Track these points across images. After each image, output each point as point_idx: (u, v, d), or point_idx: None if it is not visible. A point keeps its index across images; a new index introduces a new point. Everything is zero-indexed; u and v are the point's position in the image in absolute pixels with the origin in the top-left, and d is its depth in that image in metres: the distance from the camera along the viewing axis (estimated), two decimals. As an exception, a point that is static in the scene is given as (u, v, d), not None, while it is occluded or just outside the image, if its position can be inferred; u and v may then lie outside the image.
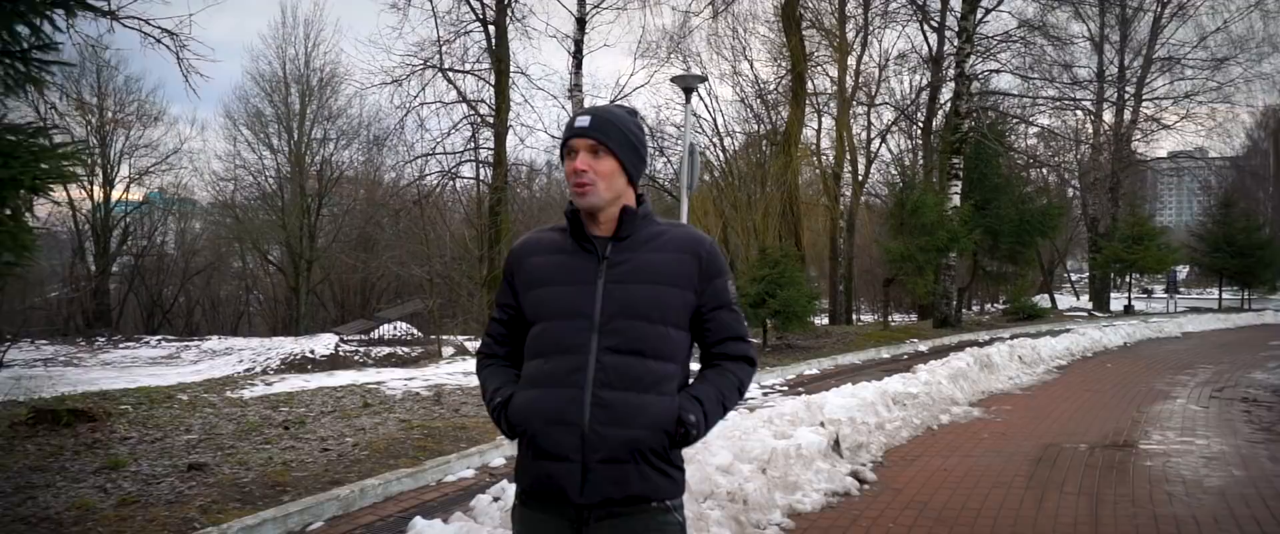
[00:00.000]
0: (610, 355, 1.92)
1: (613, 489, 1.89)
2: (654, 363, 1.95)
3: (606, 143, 1.99)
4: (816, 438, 6.03)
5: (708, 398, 2.00)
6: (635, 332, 1.94)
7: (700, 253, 2.03)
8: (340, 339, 30.52)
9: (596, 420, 1.89)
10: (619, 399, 1.91)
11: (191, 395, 9.16)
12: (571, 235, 2.04)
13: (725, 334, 2.07)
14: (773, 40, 27.45)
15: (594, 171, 1.97)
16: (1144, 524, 4.93)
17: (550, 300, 2.00)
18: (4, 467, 5.80)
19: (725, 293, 2.06)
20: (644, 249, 2.01)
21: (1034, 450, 6.91)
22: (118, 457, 6.02)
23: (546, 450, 1.92)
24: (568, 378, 1.93)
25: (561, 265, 2.02)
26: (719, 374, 2.06)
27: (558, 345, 1.96)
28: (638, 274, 1.98)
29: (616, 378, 1.92)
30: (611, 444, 1.89)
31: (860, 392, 7.89)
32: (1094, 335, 16.30)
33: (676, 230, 2.08)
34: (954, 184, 20.12)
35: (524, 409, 1.97)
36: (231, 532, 4.33)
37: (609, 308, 1.94)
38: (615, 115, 2.05)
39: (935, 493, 5.60)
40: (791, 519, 4.94)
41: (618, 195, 2.01)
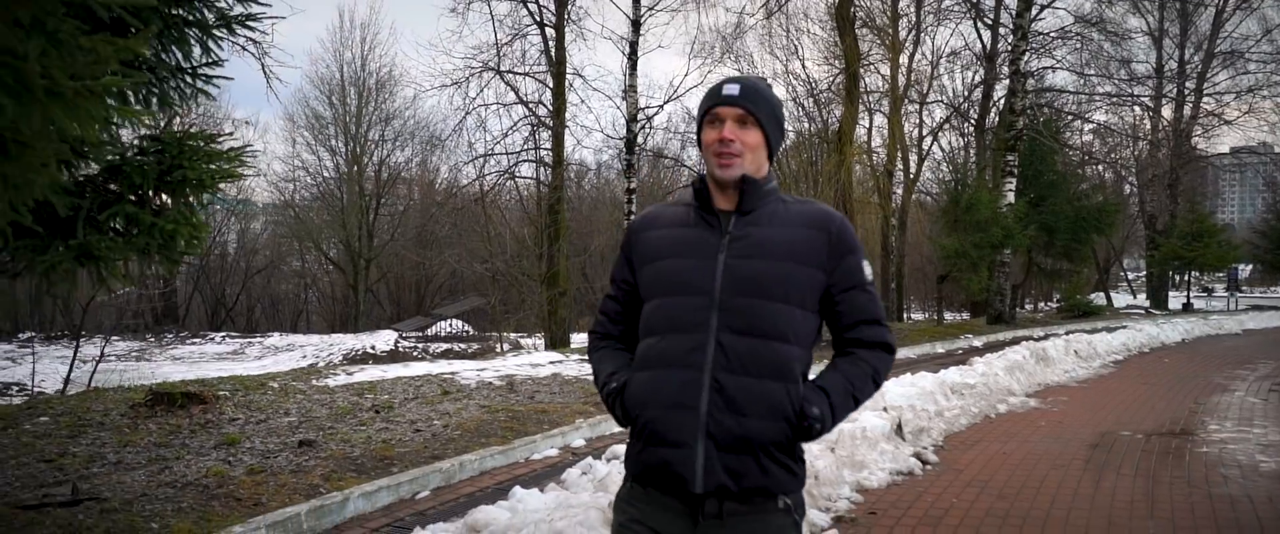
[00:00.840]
0: (731, 336, 1.83)
1: (730, 480, 1.80)
2: (777, 345, 1.83)
3: (756, 113, 1.89)
4: (880, 422, 6.36)
5: (836, 389, 1.88)
6: (757, 311, 1.83)
7: (830, 227, 1.91)
8: (399, 335, 31.39)
9: (715, 406, 1.81)
10: (739, 384, 1.81)
11: (282, 383, 9.76)
12: (697, 207, 1.95)
13: (859, 317, 1.93)
14: (824, 39, 27.60)
15: (742, 142, 1.88)
16: (1199, 503, 5.18)
17: (667, 275, 1.91)
18: (133, 442, 6.38)
19: (859, 272, 1.93)
20: (769, 224, 1.90)
21: (1091, 437, 7.15)
22: (232, 435, 6.58)
23: (663, 436, 1.84)
24: (685, 358, 1.84)
25: (681, 239, 1.93)
26: (851, 363, 1.92)
27: (675, 323, 1.87)
28: (761, 249, 1.87)
29: (737, 361, 1.82)
30: (730, 433, 1.80)
31: (919, 382, 8.18)
32: (1151, 331, 16.28)
33: (804, 205, 1.97)
34: (1008, 181, 20.16)
35: (640, 394, 1.89)
36: (354, 496, 4.81)
37: (730, 284, 1.84)
38: (762, 86, 1.96)
39: (995, 473, 5.90)
40: (860, 494, 5.28)
41: (759, 170, 1.93)
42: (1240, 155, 42.55)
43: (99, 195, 3.42)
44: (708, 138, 1.92)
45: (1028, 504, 5.15)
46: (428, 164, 42.04)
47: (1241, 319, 22.33)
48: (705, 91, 1.99)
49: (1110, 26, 25.53)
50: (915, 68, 30.30)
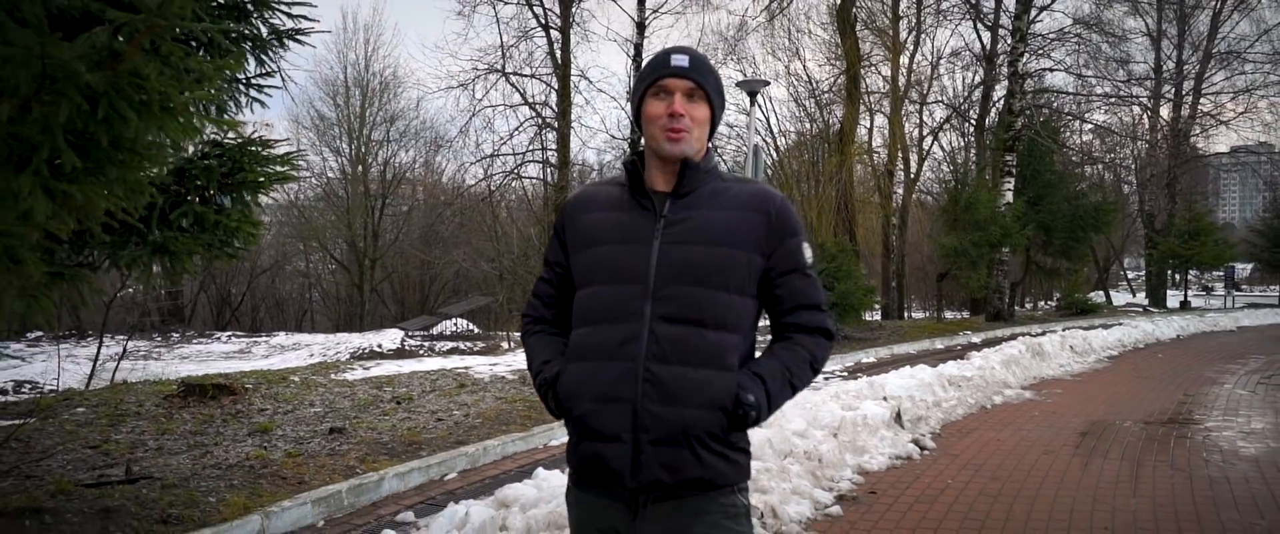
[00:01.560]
0: (665, 325, 1.76)
1: (665, 473, 1.75)
2: (713, 333, 1.77)
3: (705, 86, 1.83)
4: (880, 410, 6.70)
5: (772, 375, 1.82)
6: (693, 298, 1.77)
7: (769, 209, 1.84)
8: (406, 334, 31.74)
9: (648, 398, 1.75)
10: (673, 374, 1.75)
11: (303, 377, 10.10)
12: (629, 190, 1.87)
13: (797, 302, 1.87)
14: (825, 41, 27.96)
15: (691, 117, 1.81)
16: (1180, 484, 5.52)
17: (601, 262, 1.83)
18: (170, 430, 6.72)
19: (798, 255, 1.87)
20: (706, 206, 1.82)
21: (1082, 425, 7.49)
22: (264, 423, 6.92)
23: (596, 430, 1.78)
24: (619, 350, 1.77)
25: (615, 223, 1.85)
26: (788, 348, 1.87)
27: (608, 313, 1.80)
28: (698, 233, 1.79)
29: (671, 350, 1.75)
30: (664, 424, 1.74)
31: (918, 374, 8.52)
32: (1146, 328, 16.62)
33: (744, 185, 1.88)
34: (1007, 181, 20.49)
35: (572, 386, 1.82)
36: (388, 476, 5.15)
37: (665, 271, 1.77)
38: (708, 62, 1.88)
39: (989, 458, 6.23)
40: (861, 476, 5.62)
41: (703, 146, 1.86)
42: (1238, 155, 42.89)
43: (168, 195, 3.76)
44: (653, 111, 1.81)
45: (1019, 485, 5.48)
46: (431, 165, 42.42)
47: (1237, 317, 22.66)
48: (648, 61, 1.88)
49: (1108, 28, 25.87)
50: (916, 68, 30.66)
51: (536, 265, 21.49)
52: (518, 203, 27.16)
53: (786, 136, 29.29)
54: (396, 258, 42.57)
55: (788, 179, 25.49)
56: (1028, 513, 4.86)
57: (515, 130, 24.57)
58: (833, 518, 4.74)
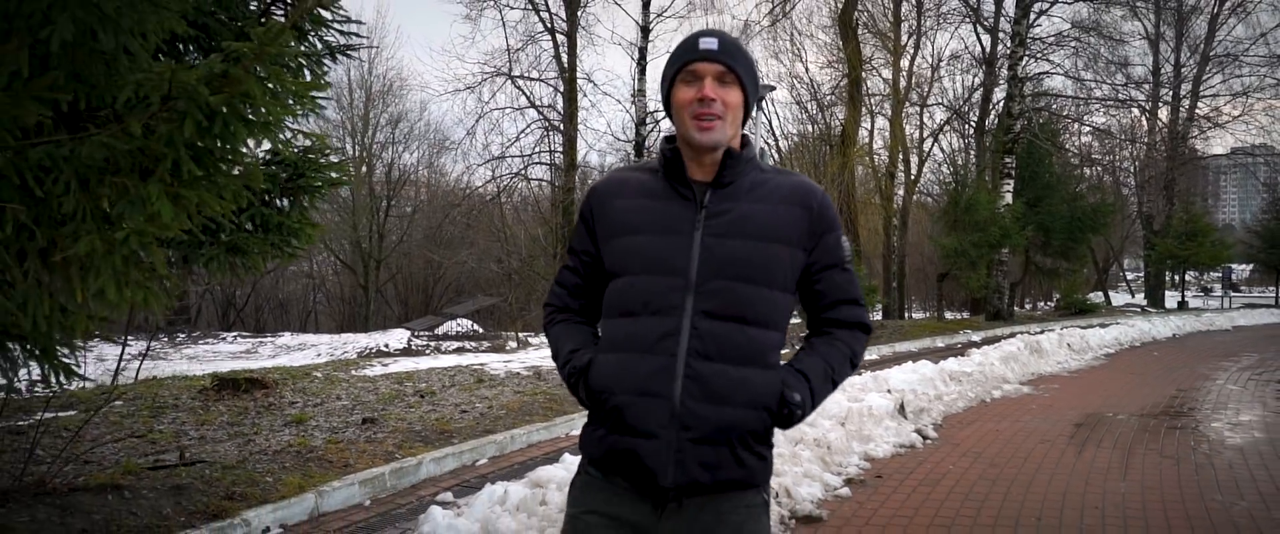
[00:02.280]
0: (707, 321, 1.71)
1: (704, 473, 1.71)
2: (756, 330, 1.73)
3: (736, 69, 1.75)
4: (884, 402, 7.05)
5: (815, 373, 1.79)
6: (736, 294, 1.72)
7: (810, 204, 1.79)
8: (412, 334, 32.08)
9: (689, 395, 1.70)
10: (716, 372, 1.70)
11: (325, 373, 10.46)
12: (666, 177, 1.79)
13: (838, 297, 1.84)
14: (827, 43, 28.35)
15: (723, 102, 1.73)
16: (1167, 469, 5.87)
17: (639, 251, 1.76)
18: (209, 421, 7.06)
19: (839, 250, 1.83)
20: (747, 198, 1.76)
21: (1077, 417, 7.84)
22: (298, 414, 7.27)
23: (631, 424, 1.73)
24: (658, 344, 1.72)
25: (653, 211, 1.77)
26: (829, 344, 1.83)
27: (647, 305, 1.74)
28: (741, 227, 1.74)
29: (714, 347, 1.70)
30: (707, 423, 1.70)
31: (920, 369, 8.88)
32: (1142, 327, 16.97)
33: (783, 177, 1.83)
34: (1006, 183, 20.85)
35: (607, 375, 1.76)
36: (425, 461, 5.51)
37: (708, 265, 1.72)
38: (738, 43, 1.81)
39: (988, 446, 6.58)
40: (867, 462, 5.97)
41: (737, 132, 1.79)
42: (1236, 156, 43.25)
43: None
44: (683, 97, 1.75)
45: (1015, 471, 5.83)
46: (435, 166, 42.80)
47: (1232, 317, 23.02)
48: (677, 46, 1.82)
49: (1107, 31, 26.24)
50: (916, 71, 31.03)
51: (543, 266, 21.86)
52: (524, 204, 27.50)
53: (789, 138, 29.67)
54: (401, 259, 42.93)
55: (790, 181, 25.86)
56: (1023, 495, 5.21)
57: (522, 132, 24.98)
58: (842, 498, 5.09)
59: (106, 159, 2.62)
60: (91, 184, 2.64)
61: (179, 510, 4.12)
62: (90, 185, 2.63)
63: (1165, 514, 4.81)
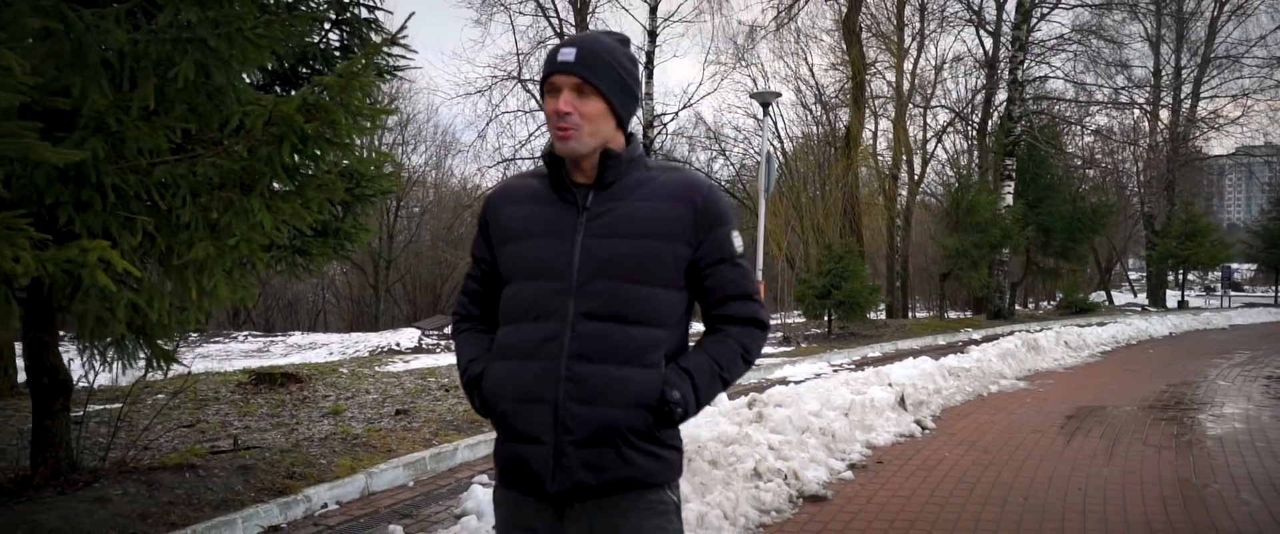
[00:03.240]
0: (587, 322, 1.72)
1: (588, 475, 1.71)
2: (637, 329, 1.74)
3: (593, 80, 1.73)
4: (886, 394, 7.49)
5: (700, 370, 1.79)
6: (617, 294, 1.73)
7: (694, 199, 1.78)
8: (422, 333, 32.56)
9: (569, 397, 1.71)
10: (594, 373, 1.71)
11: (350, 369, 10.93)
12: (551, 182, 1.81)
13: (728, 292, 1.83)
14: (832, 46, 28.78)
15: (579, 113, 1.72)
16: (1149, 456, 6.30)
17: (524, 257, 1.79)
18: (250, 412, 7.52)
19: (727, 244, 1.81)
20: (630, 197, 1.77)
21: (1069, 410, 8.27)
22: (334, 406, 7.73)
23: (517, 430, 1.75)
24: (541, 348, 1.73)
25: (538, 216, 1.79)
26: (718, 341, 1.83)
27: (531, 310, 1.76)
28: (621, 226, 1.75)
29: (594, 348, 1.72)
30: (585, 423, 1.71)
31: (920, 365, 9.31)
32: (1140, 325, 17.37)
33: (669, 174, 1.83)
34: (1007, 184, 21.27)
35: (495, 385, 1.79)
36: (461, 447, 5.96)
37: (588, 266, 1.73)
38: (604, 46, 1.78)
39: (983, 436, 7.02)
40: (869, 449, 6.41)
41: (604, 141, 1.77)
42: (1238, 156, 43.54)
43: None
44: (547, 108, 1.76)
45: (1007, 457, 6.27)
46: (442, 167, 43.33)
47: (1230, 315, 23.41)
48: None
49: (1107, 34, 26.61)
50: (919, 73, 31.45)
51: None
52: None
53: (794, 140, 30.09)
54: (411, 259, 43.43)
55: (795, 182, 26.30)
56: (1013, 479, 5.64)
57: (532, 135, 25.46)
58: (846, 481, 5.53)
59: (216, 177, 3.08)
60: (203, 198, 3.09)
61: (248, 487, 4.58)
62: (202, 199, 3.08)
63: (1142, 494, 5.25)
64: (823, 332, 17.20)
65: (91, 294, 2.79)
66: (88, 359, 4.41)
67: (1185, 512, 4.87)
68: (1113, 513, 4.85)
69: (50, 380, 4.44)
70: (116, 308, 2.84)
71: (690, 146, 33.62)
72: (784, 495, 4.94)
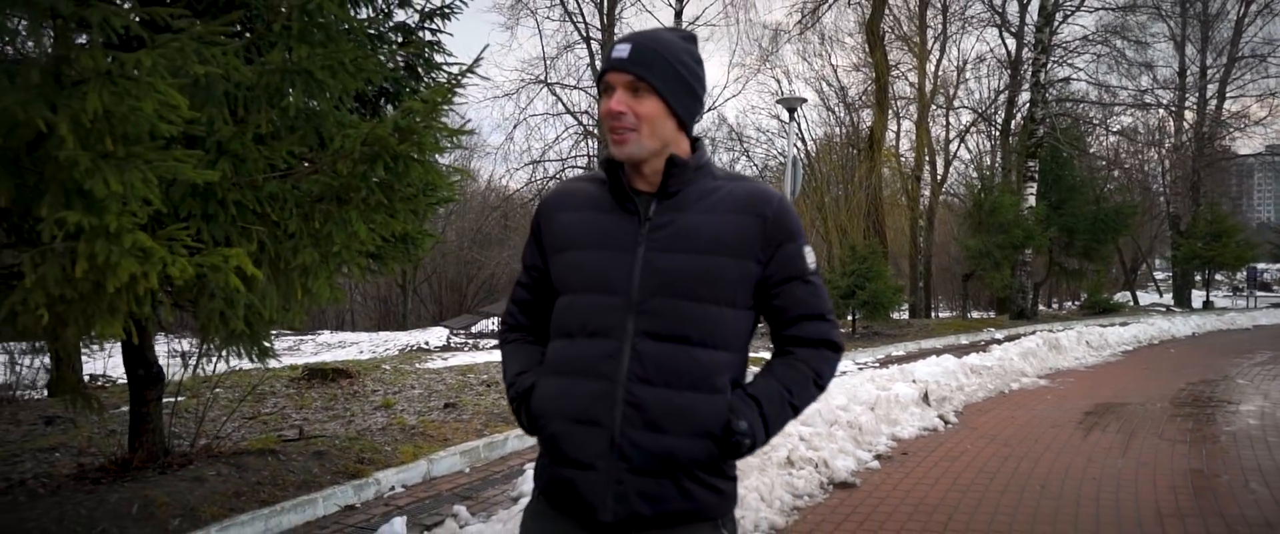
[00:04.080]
0: (648, 342, 1.61)
1: (644, 506, 1.60)
2: (702, 351, 1.62)
3: (648, 78, 1.62)
4: (910, 390, 7.83)
5: (769, 398, 1.66)
6: (679, 312, 1.62)
7: (764, 212, 1.66)
8: (450, 332, 33.13)
9: (628, 422, 1.60)
10: (657, 398, 1.60)
11: (393, 366, 11.38)
12: (610, 190, 1.70)
13: (799, 312, 1.71)
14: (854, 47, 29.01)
15: (634, 114, 1.62)
16: (1163, 449, 6.61)
17: (580, 268, 1.69)
18: (306, 405, 7.98)
19: (799, 261, 1.70)
20: (694, 209, 1.66)
21: (1087, 406, 8.57)
22: (385, 399, 8.17)
23: (568, 454, 1.64)
24: (597, 367, 1.63)
25: (595, 226, 1.69)
26: (789, 364, 1.71)
27: (587, 325, 1.66)
28: (684, 240, 1.64)
29: (655, 370, 1.60)
30: (646, 453, 1.60)
31: (943, 363, 9.62)
32: (1162, 325, 17.55)
33: (737, 185, 1.71)
34: (1030, 185, 21.47)
35: (545, 403, 1.68)
36: (511, 437, 6.38)
37: (648, 282, 1.63)
38: (663, 42, 1.67)
39: (1003, 430, 7.35)
40: (894, 441, 6.76)
41: (665, 144, 1.65)
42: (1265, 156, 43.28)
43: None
44: (602, 110, 1.66)
45: (1026, 450, 6.60)
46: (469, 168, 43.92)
47: (1254, 316, 23.46)
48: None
49: (1131, 34, 26.70)
50: (941, 74, 31.64)
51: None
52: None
53: (817, 141, 30.35)
54: (438, 259, 44.04)
55: (819, 183, 26.59)
56: (1032, 470, 5.98)
57: (558, 137, 25.96)
58: (872, 470, 5.89)
59: (317, 192, 3.50)
60: (306, 210, 3.51)
61: (324, 470, 5.01)
62: (305, 211, 3.51)
63: (1154, 484, 5.57)
64: (847, 331, 17.50)
65: (216, 295, 3.21)
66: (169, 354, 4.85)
67: (1194, 499, 5.20)
68: (1125, 500, 5.18)
69: (145, 373, 4.90)
70: (237, 306, 3.26)
71: (712, 147, 34.03)
72: (815, 482, 5.31)
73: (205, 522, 4.04)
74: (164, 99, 2.49)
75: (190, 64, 2.54)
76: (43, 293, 2.46)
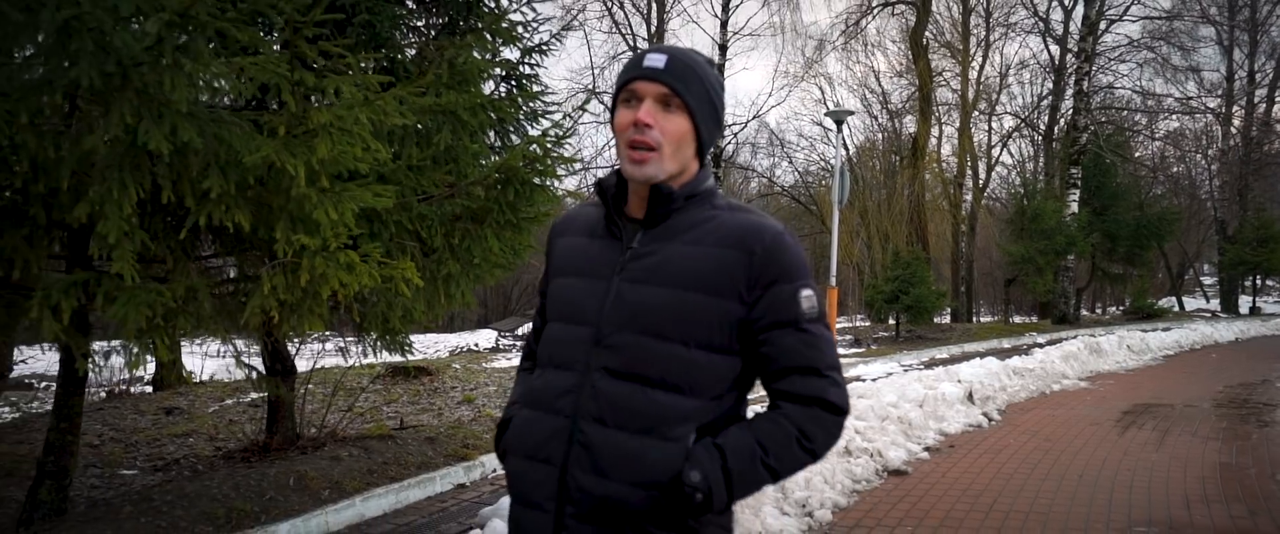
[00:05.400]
0: (607, 379, 1.50)
1: None
2: (661, 394, 1.48)
3: (683, 93, 1.49)
4: (955, 389, 8.36)
5: (738, 452, 1.47)
6: (643, 350, 1.48)
7: (753, 247, 1.49)
8: (499, 334, 34.01)
9: (577, 464, 1.49)
10: (606, 440, 1.48)
11: (462, 364, 12.13)
12: (604, 213, 1.60)
13: (787, 363, 1.51)
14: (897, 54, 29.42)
15: (661, 130, 1.48)
16: (1196, 444, 7.08)
17: (560, 297, 1.61)
18: (394, 400, 8.70)
19: (792, 305, 1.50)
20: (679, 239, 1.52)
21: (1126, 406, 9.02)
22: (467, 395, 8.87)
23: (520, 492, 1.57)
24: (555, 402, 1.53)
25: (583, 253, 1.60)
26: (769, 421, 1.51)
27: (553, 357, 1.58)
28: (660, 272, 1.50)
29: (609, 410, 1.48)
30: (590, 498, 1.48)
31: (987, 364, 10.12)
32: (1205, 331, 17.76)
33: (732, 216, 1.55)
34: (1072, 192, 21.75)
35: (511, 437, 1.62)
36: (590, 428, 7.02)
37: (615, 315, 1.51)
38: (697, 61, 1.55)
39: (1044, 427, 7.85)
40: (942, 436, 7.31)
41: (683, 168, 1.54)
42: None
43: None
44: (620, 120, 1.52)
45: (1066, 444, 7.10)
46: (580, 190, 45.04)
47: (1302, 321, 23.42)
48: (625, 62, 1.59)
49: (1178, 40, 26.80)
50: (984, 79, 31.87)
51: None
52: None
53: (860, 147, 30.76)
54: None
55: (861, 188, 27.03)
56: (1071, 461, 6.49)
57: (606, 145, 26.67)
58: (922, 460, 6.45)
59: (458, 212, 4.18)
60: (448, 229, 4.19)
61: (438, 453, 5.69)
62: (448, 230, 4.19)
63: (1185, 474, 6.06)
64: (890, 334, 17.97)
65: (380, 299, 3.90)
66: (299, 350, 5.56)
67: (1220, 487, 5.69)
68: (1156, 488, 5.69)
69: (282, 367, 5.62)
70: (396, 309, 3.94)
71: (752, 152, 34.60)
72: (871, 469, 5.89)
73: (349, 493, 4.73)
74: (367, 145, 3.17)
75: (392, 118, 3.22)
76: (275, 297, 3.14)
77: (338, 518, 4.47)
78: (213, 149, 2.90)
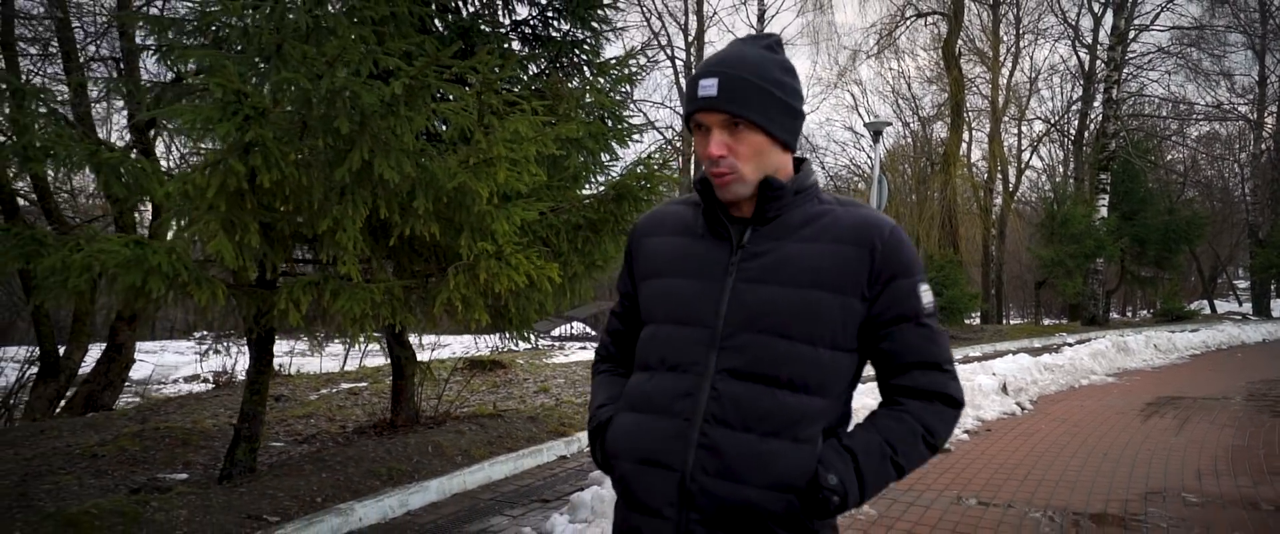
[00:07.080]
0: (730, 381, 1.47)
1: None
2: (789, 395, 1.46)
3: (743, 113, 1.46)
4: (990, 381, 9.12)
5: (867, 451, 1.47)
6: (768, 350, 1.46)
7: (874, 242, 1.48)
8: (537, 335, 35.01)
9: (701, 468, 1.45)
10: (735, 443, 1.44)
11: (525, 360, 13.02)
12: (704, 214, 1.57)
13: (910, 359, 1.52)
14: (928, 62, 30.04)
15: (734, 154, 1.48)
16: (1213, 430, 7.80)
17: (664, 298, 1.57)
18: (474, 389, 9.59)
19: (912, 300, 1.50)
20: (794, 236, 1.51)
21: (1150, 399, 9.73)
22: (542, 385, 9.75)
23: (638, 499, 1.51)
24: (672, 405, 1.50)
25: (685, 252, 1.56)
26: (894, 418, 1.51)
27: (666, 359, 1.53)
28: (779, 271, 1.48)
29: (735, 412, 1.45)
30: (719, 503, 1.44)
31: (1019, 360, 10.85)
32: (1232, 332, 18.30)
33: (846, 211, 1.54)
34: (1101, 197, 22.33)
35: (618, 441, 1.57)
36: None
37: (736, 315, 1.48)
38: (750, 64, 1.49)
39: (1073, 415, 8.60)
40: (979, 421, 8.08)
41: (775, 169, 1.52)
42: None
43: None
44: (698, 150, 1.53)
45: (1093, 429, 7.85)
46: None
47: (1331, 324, 23.76)
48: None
49: (1208, 46, 27.22)
50: (1014, 85, 32.41)
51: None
52: (644, 216, 30.07)
53: (891, 151, 31.39)
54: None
55: (894, 193, 27.71)
56: (1097, 443, 7.25)
57: (644, 153, 27.58)
58: (962, 441, 7.23)
59: (579, 222, 5.05)
60: (571, 235, 5.06)
61: (539, 430, 6.56)
62: (571, 236, 5.05)
63: (1200, 454, 6.80)
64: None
65: (520, 294, 4.77)
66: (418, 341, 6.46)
67: (1230, 464, 6.43)
68: (1172, 465, 6.44)
69: (407, 355, 6.52)
70: (533, 302, 4.81)
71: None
72: (918, 446, 6.68)
73: (477, 459, 5.61)
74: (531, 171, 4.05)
75: (550, 148, 4.09)
76: (459, 292, 4.01)
77: (472, 478, 5.35)
78: (422, 177, 3.78)
